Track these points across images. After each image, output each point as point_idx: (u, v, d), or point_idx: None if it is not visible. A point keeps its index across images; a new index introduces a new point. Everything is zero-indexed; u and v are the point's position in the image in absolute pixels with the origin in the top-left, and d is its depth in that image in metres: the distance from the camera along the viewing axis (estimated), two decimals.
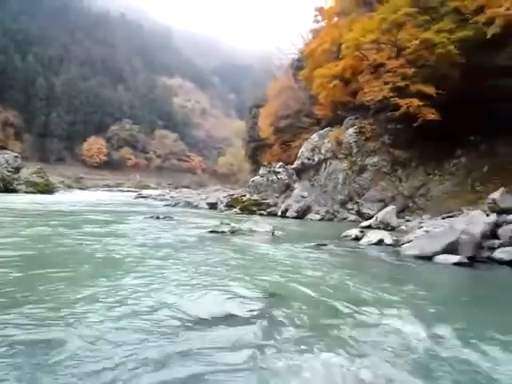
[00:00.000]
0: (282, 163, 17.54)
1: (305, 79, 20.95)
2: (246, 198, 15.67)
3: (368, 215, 12.74)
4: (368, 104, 14.41)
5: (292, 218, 13.95)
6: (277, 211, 14.88)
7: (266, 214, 14.92)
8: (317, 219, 13.81)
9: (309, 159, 16.00)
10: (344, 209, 14.53)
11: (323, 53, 17.78)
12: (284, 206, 14.77)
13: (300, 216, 14.22)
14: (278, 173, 16.55)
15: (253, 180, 17.20)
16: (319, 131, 17.23)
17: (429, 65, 12.79)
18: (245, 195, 16.00)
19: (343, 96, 16.91)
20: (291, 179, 16.90)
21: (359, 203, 14.15)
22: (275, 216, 14.55)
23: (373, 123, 15.06)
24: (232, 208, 15.42)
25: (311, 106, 23.44)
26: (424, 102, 12.82)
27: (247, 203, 15.41)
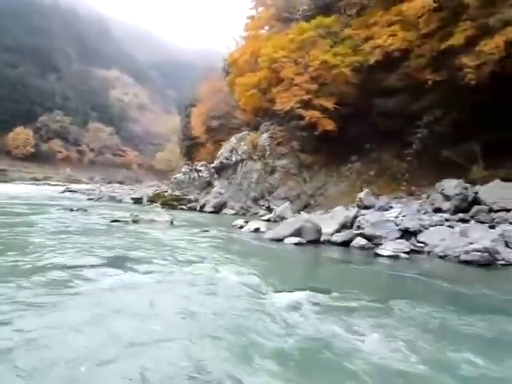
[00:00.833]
0: (205, 162, 18.79)
1: (229, 85, 22.31)
2: (168, 194, 16.74)
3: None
4: (279, 113, 16.18)
5: (209, 213, 15.27)
6: (196, 206, 16.12)
7: (187, 209, 16.13)
8: (231, 214, 15.26)
9: (227, 159, 17.44)
10: (256, 205, 16.17)
11: (245, 63, 19.27)
12: (203, 202, 16.08)
13: (217, 211, 15.60)
14: (200, 171, 17.80)
15: (175, 177, 18.26)
16: (237, 134, 18.73)
17: (327, 83, 14.77)
18: (167, 191, 17.02)
19: (262, 103, 18.55)
20: (212, 177, 18.24)
21: (269, 200, 15.90)
22: (194, 210, 15.79)
23: (284, 130, 16.90)
24: (153, 203, 16.38)
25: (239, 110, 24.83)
26: (324, 115, 14.83)
27: (168, 198, 16.48)
